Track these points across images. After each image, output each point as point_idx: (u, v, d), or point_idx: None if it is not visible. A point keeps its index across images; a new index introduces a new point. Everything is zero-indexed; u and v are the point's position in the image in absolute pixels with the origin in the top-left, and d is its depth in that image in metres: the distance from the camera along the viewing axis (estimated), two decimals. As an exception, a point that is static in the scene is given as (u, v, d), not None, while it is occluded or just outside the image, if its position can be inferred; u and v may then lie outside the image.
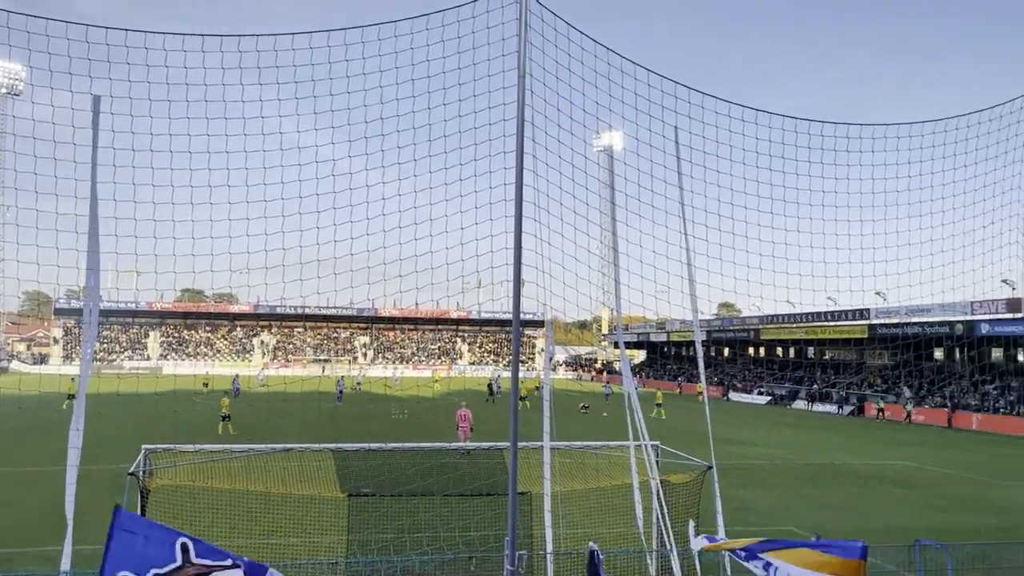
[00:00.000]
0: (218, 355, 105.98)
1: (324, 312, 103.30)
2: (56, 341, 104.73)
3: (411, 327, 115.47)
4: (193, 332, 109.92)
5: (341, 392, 55.28)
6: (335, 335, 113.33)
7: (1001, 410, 49.72)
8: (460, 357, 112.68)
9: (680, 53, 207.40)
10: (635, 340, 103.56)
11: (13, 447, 30.03)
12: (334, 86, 9.60)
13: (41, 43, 9.33)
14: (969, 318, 51.44)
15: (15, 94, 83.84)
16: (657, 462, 15.56)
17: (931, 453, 35.63)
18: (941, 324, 53.94)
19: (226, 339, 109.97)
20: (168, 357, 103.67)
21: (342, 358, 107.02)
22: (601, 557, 8.17)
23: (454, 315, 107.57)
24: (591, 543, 8.44)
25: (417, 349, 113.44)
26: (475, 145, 9.83)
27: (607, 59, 9.64)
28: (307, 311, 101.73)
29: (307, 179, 10.07)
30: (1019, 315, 47.74)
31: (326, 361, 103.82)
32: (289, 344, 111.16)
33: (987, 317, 50.31)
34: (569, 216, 10.34)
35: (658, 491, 11.22)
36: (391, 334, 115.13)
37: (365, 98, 9.52)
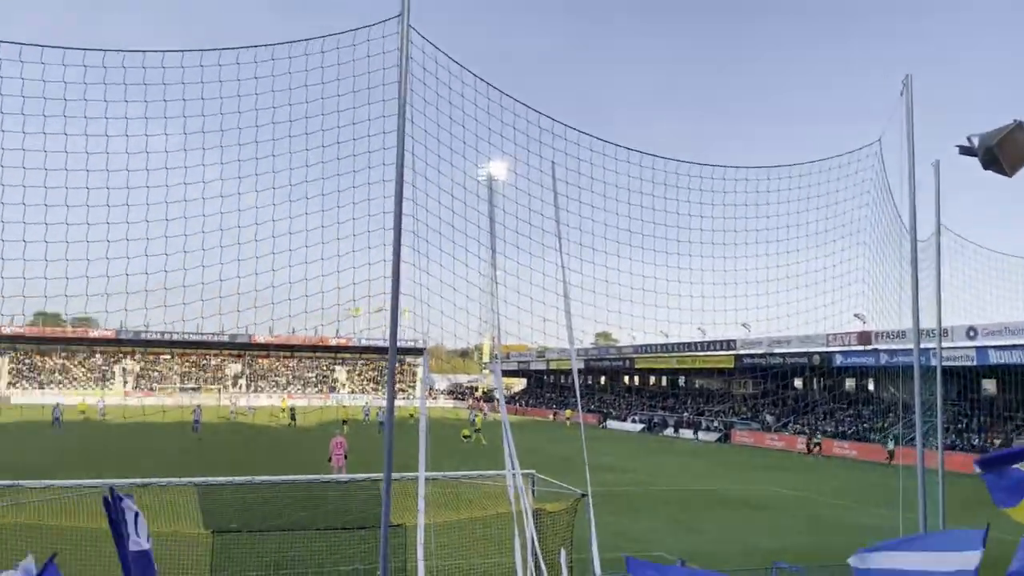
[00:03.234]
0: (75, 383, 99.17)
1: (193, 339, 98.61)
2: None
3: (287, 354, 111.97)
4: (47, 358, 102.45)
5: (198, 422, 52.83)
6: (205, 362, 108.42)
7: (854, 436, 53.13)
8: (341, 386, 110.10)
9: (557, 88, 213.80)
10: (515, 369, 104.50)
11: None
12: (206, 107, 9.28)
13: None
14: (825, 350, 54.92)
15: None
16: (533, 491, 15.69)
17: (791, 477, 37.59)
18: (800, 355, 57.33)
19: (83, 366, 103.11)
20: (18, 385, 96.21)
21: (212, 386, 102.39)
22: None
23: (332, 342, 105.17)
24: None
25: (293, 377, 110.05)
26: (354, 172, 9.74)
27: (487, 93, 9.80)
28: (174, 337, 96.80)
29: (175, 200, 9.66)
30: (869, 347, 51.35)
31: (195, 389, 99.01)
32: (154, 371, 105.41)
33: (841, 349, 53.87)
34: (449, 246, 10.39)
35: (531, 520, 11.27)
36: (265, 361, 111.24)
37: (239, 120, 9.25)
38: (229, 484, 14.29)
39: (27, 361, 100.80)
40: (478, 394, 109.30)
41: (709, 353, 66.92)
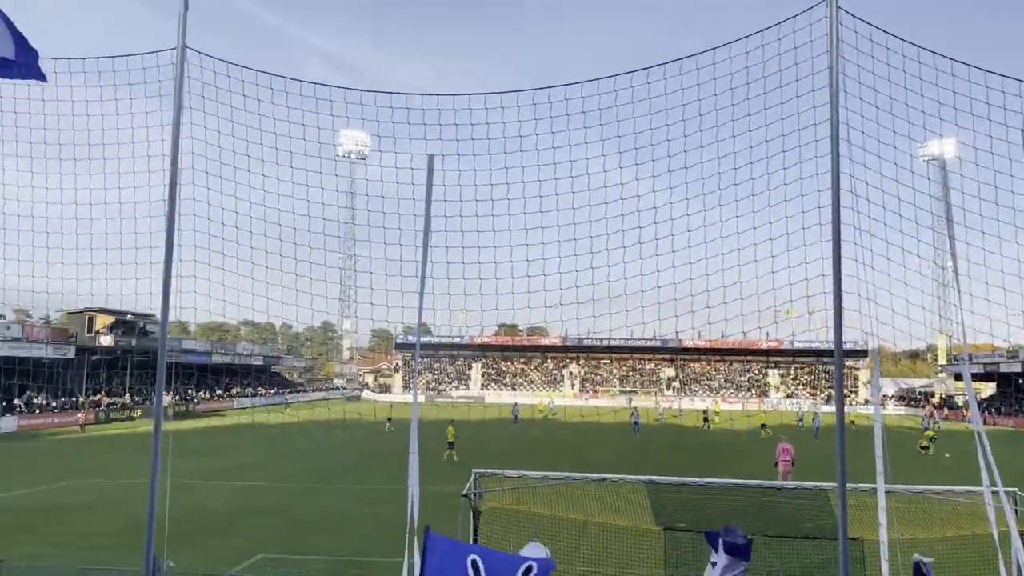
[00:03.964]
0: (531, 385, 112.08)
1: (629, 344, 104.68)
2: (397, 370, 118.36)
3: (718, 358, 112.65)
4: (509, 364, 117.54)
5: (637, 423, 55.39)
6: (640, 366, 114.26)
7: None
8: (774, 390, 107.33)
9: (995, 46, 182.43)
10: (980, 371, 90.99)
11: (364, 466, 34.33)
12: (637, 124, 9.85)
13: (383, 113, 10.78)
14: None
15: (362, 158, 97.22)
16: (1015, 511, 13.48)
17: None
18: None
19: (538, 370, 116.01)
20: (488, 387, 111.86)
21: (648, 390, 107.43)
22: (931, 573, 7.21)
23: (763, 345, 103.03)
24: (915, 555, 7.51)
25: (725, 381, 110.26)
26: (784, 169, 9.45)
27: (934, 64, 8.75)
28: (612, 343, 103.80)
29: (613, 216, 10.39)
30: None
31: (632, 393, 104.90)
32: (596, 375, 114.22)
33: None
34: (895, 237, 9.48)
35: (1020, 545, 9.67)
36: (696, 366, 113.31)
37: (668, 132, 9.62)
38: (674, 483, 14.82)
39: (494, 366, 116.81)
40: (934, 400, 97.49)
41: None
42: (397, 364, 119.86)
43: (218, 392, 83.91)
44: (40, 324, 67.19)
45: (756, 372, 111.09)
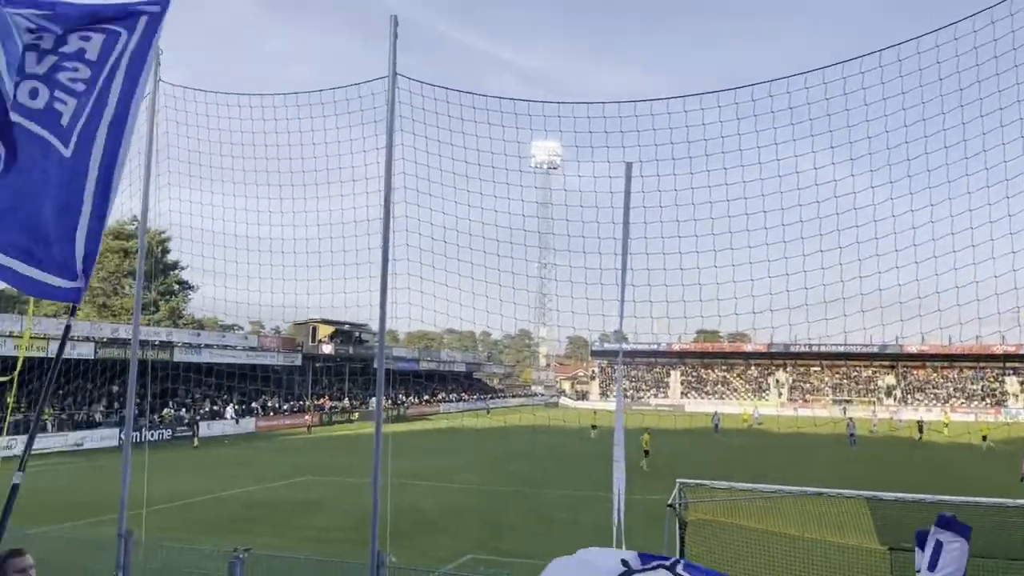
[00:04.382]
0: (734, 393, 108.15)
1: (842, 350, 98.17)
2: (593, 378, 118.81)
3: (945, 365, 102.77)
4: (710, 371, 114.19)
5: (853, 435, 51.60)
6: (855, 374, 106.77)
7: None
8: (1013, 398, 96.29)
9: None
10: None
11: (567, 472, 34.71)
12: (851, 117, 9.27)
13: (577, 124, 10.92)
14: None
15: (554, 168, 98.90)
16: None
17: None
18: None
19: (741, 378, 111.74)
20: (688, 395, 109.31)
21: (864, 399, 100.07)
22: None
23: (999, 350, 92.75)
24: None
25: (954, 390, 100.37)
26: (1026, 155, 8.49)
27: None
28: (822, 349, 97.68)
29: (827, 215, 9.83)
30: None
31: (847, 402, 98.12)
32: (806, 383, 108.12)
33: None
34: None
35: None
36: (920, 373, 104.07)
37: (886, 124, 8.97)
38: (899, 500, 13.71)
39: (694, 374, 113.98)
40: None
41: None
42: (593, 371, 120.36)
43: (425, 397, 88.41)
44: (272, 335, 74.38)
45: (991, 380, 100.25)
